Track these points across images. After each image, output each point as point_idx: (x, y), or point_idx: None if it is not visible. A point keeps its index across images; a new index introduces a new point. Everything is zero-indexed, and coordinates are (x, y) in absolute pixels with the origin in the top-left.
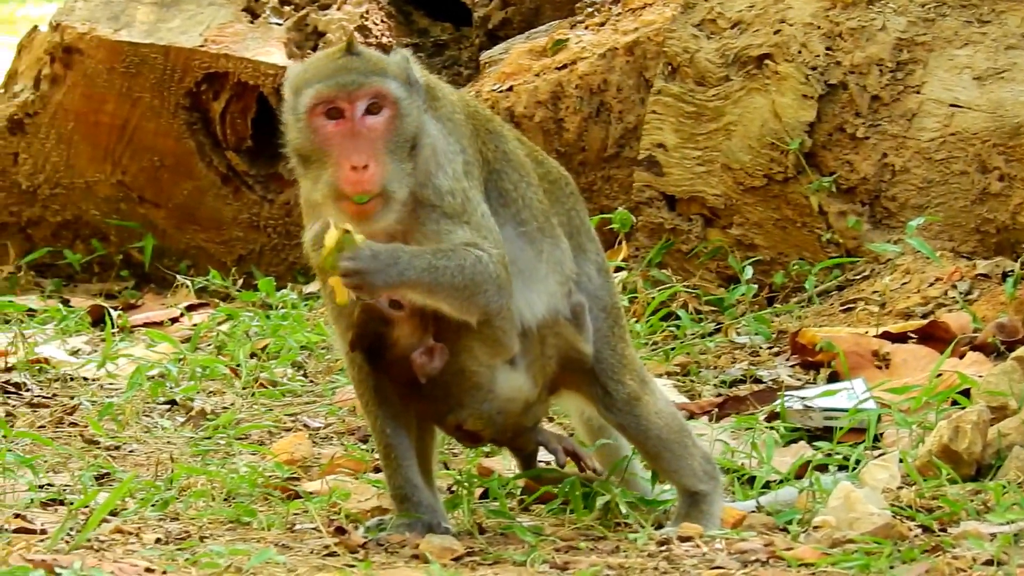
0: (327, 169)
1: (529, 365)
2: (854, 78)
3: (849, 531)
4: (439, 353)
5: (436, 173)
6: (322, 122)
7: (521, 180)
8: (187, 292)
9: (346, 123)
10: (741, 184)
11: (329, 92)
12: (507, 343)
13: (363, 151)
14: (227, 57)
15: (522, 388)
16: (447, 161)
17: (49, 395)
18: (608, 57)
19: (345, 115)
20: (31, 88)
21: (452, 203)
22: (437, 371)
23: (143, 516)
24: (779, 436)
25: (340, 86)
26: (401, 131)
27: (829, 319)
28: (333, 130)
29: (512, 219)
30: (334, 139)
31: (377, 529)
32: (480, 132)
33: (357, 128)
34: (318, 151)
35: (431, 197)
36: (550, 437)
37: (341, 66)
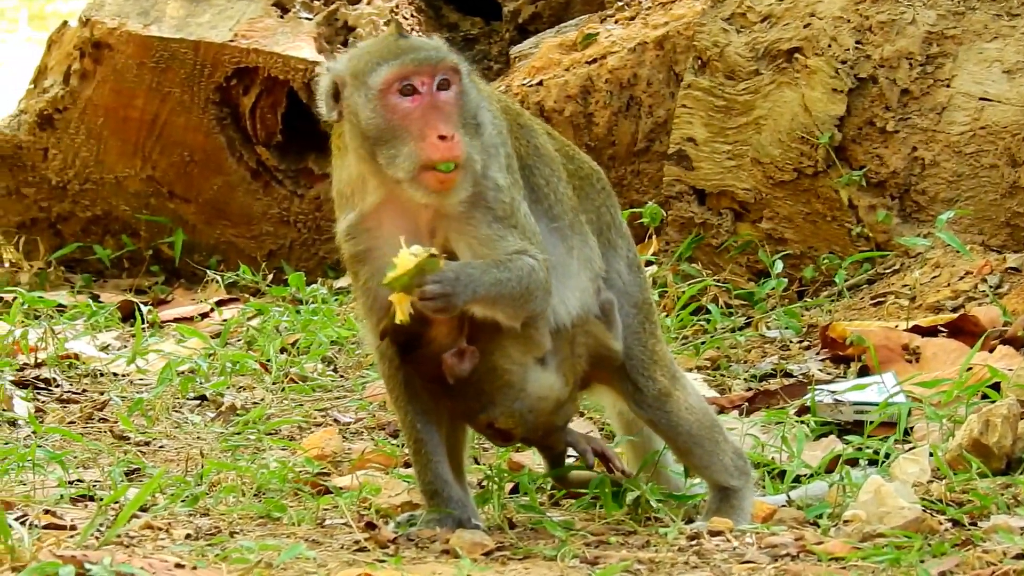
0: (406, 145)
1: (560, 364)
2: (884, 72)
3: (879, 525)
4: (470, 356)
5: (491, 164)
6: (397, 99)
7: (552, 175)
8: (217, 287)
9: (423, 97)
10: (771, 178)
11: (405, 69)
12: (540, 340)
13: (448, 121)
14: (257, 52)
15: (553, 387)
16: (500, 145)
17: (79, 391)
18: (638, 51)
19: (421, 91)
20: (61, 83)
21: (503, 205)
22: (467, 373)
23: (173, 512)
24: (809, 430)
25: (417, 62)
26: (468, 106)
27: (859, 313)
28: (410, 105)
29: (544, 215)
30: (413, 114)
31: (407, 524)
32: (513, 127)
33: (435, 101)
34: (395, 128)
35: (486, 194)
36: (579, 437)
37: (405, 46)
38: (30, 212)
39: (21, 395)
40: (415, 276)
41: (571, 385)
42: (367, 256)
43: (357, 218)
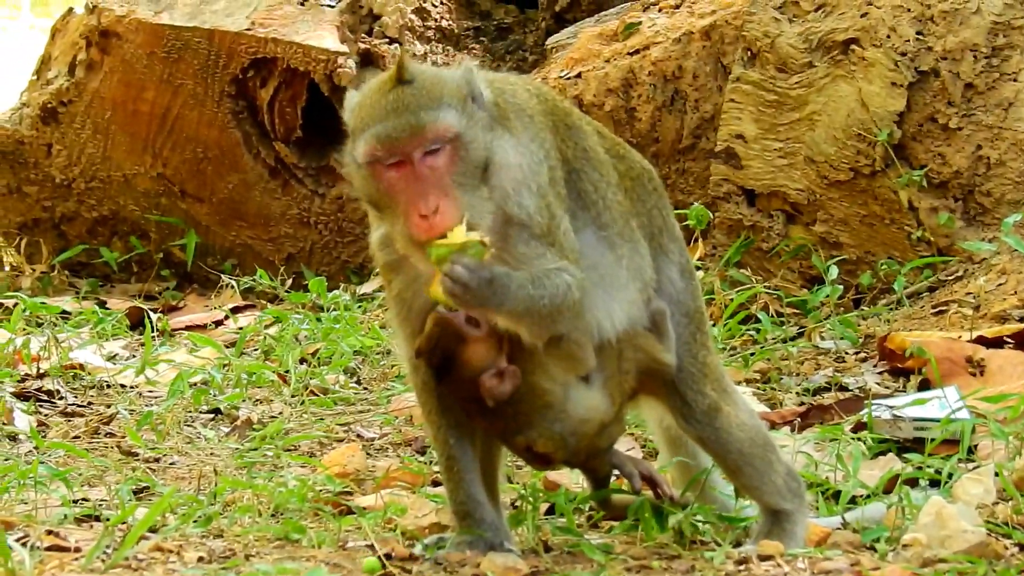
0: (397, 219)
1: (605, 382)
2: (946, 64)
3: (941, 549)
4: (510, 376)
5: (520, 190)
6: (382, 170)
7: (601, 180)
8: (232, 293)
9: (407, 168)
10: (825, 178)
11: (382, 147)
12: (583, 357)
13: (429, 194)
14: (276, 41)
15: (598, 407)
16: (531, 174)
17: (84, 403)
18: (683, 42)
19: (405, 161)
20: (66, 74)
21: (540, 222)
22: (507, 395)
23: (184, 533)
24: (866, 448)
25: (390, 138)
26: (467, 161)
27: (919, 322)
28: (395, 177)
29: (592, 222)
30: (398, 185)
31: (436, 547)
32: (559, 128)
33: (419, 171)
34: (384, 199)
35: (518, 215)
36: (625, 460)
37: (392, 106)
38: (32, 212)
39: (22, 408)
40: (455, 253)
41: (617, 405)
42: (401, 266)
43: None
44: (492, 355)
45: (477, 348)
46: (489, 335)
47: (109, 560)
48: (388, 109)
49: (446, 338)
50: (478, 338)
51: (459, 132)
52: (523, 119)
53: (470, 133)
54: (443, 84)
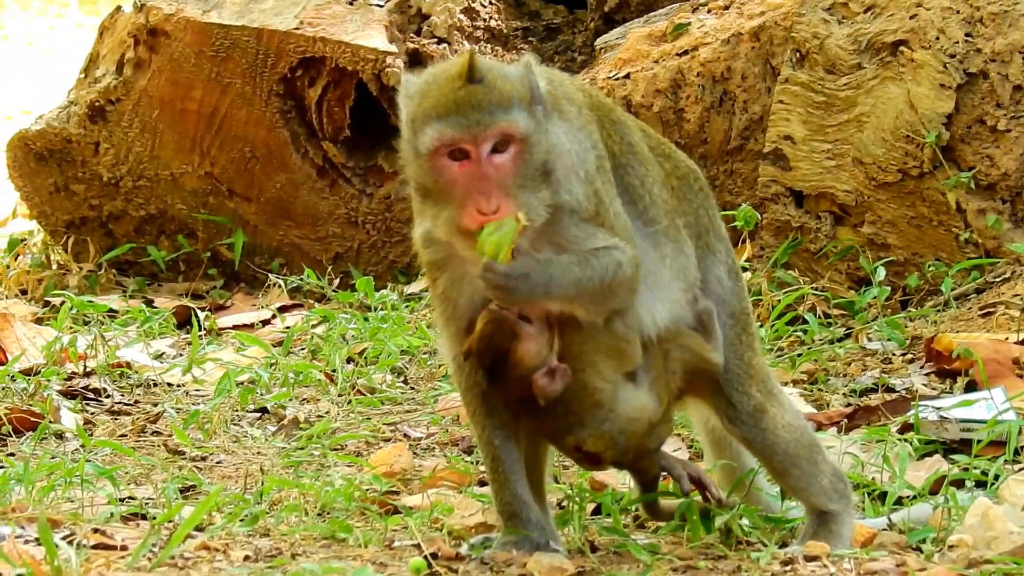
0: (450, 206)
1: (652, 382)
2: (995, 66)
3: (987, 551)
4: (561, 375)
5: (569, 176)
6: (446, 163)
7: (647, 175)
8: (279, 292)
9: (472, 164)
10: (873, 179)
11: (453, 134)
12: (631, 353)
13: (492, 193)
14: (324, 41)
15: (646, 407)
16: (579, 163)
17: (131, 402)
18: (732, 43)
19: (471, 156)
20: (113, 73)
21: (588, 208)
22: (558, 393)
23: (231, 532)
24: (912, 449)
25: (464, 128)
26: (531, 163)
27: (967, 324)
28: (458, 171)
29: (638, 217)
30: (459, 180)
31: (482, 546)
32: (604, 123)
33: (484, 169)
34: (442, 191)
35: (568, 201)
36: (674, 462)
37: (463, 100)
38: (80, 210)
39: (69, 406)
40: (498, 249)
41: (665, 405)
42: (446, 263)
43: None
44: (544, 353)
45: (529, 346)
46: (541, 332)
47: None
48: (458, 103)
49: (499, 336)
50: (530, 336)
51: (527, 135)
52: (572, 109)
53: (536, 135)
54: (511, 84)
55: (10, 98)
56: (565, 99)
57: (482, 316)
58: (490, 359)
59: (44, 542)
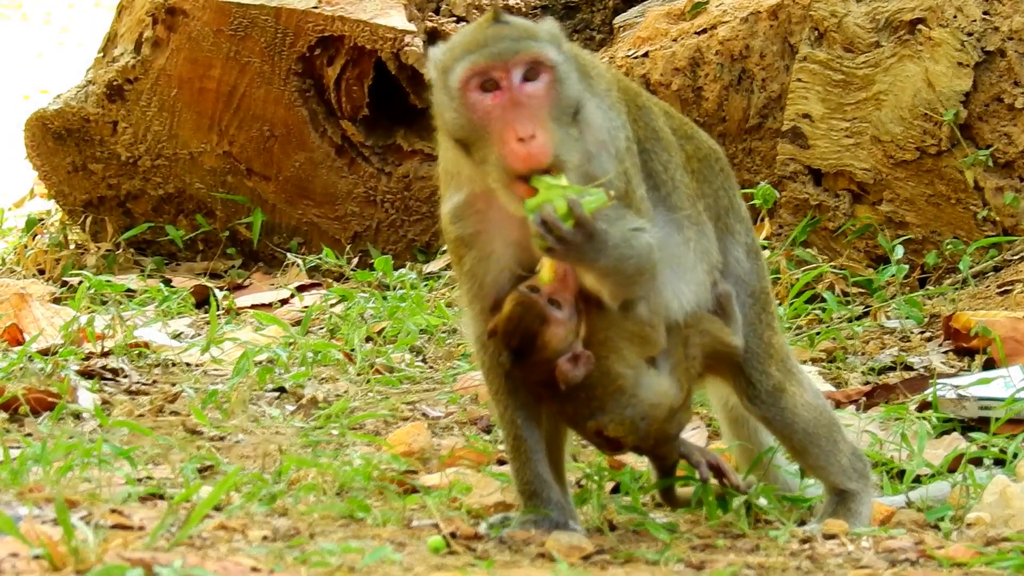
0: (491, 149)
1: (673, 368)
2: (1013, 44)
3: (1005, 529)
4: (585, 360)
5: (600, 152)
6: (478, 96)
7: (671, 160)
8: (298, 271)
9: (504, 93)
10: (892, 157)
11: (482, 62)
12: (656, 339)
13: (527, 120)
14: (343, 20)
15: (667, 392)
16: (610, 138)
17: (149, 382)
18: (751, 21)
19: (502, 85)
20: (132, 52)
21: (619, 186)
22: (580, 379)
23: (249, 512)
24: (931, 427)
25: (493, 55)
26: (563, 96)
27: (985, 302)
28: (491, 103)
29: (662, 203)
30: (494, 112)
31: (501, 525)
32: (630, 108)
33: (516, 97)
34: (478, 129)
35: (600, 175)
36: (693, 449)
37: (490, 35)
38: (98, 190)
39: (87, 386)
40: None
41: (685, 391)
42: (474, 240)
43: (465, 198)
44: (570, 339)
45: (557, 331)
46: (570, 318)
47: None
48: (485, 38)
49: (528, 319)
50: (559, 321)
51: (556, 64)
52: (603, 86)
53: (565, 69)
54: (537, 26)
55: (28, 77)
56: (597, 75)
57: (511, 297)
58: (517, 341)
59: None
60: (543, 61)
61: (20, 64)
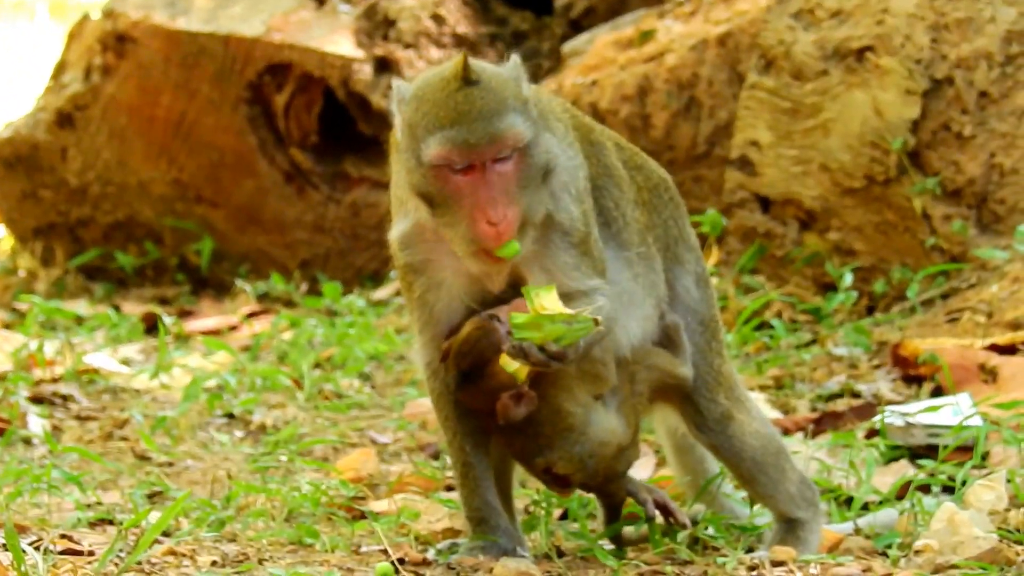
0: (459, 220)
1: (620, 405)
2: (961, 73)
3: (953, 556)
4: (527, 401)
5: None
6: (449, 174)
7: (622, 197)
8: (247, 298)
9: (476, 172)
10: (840, 185)
11: (457, 149)
12: (606, 376)
13: (499, 202)
14: (291, 47)
15: (615, 431)
16: (571, 179)
17: (98, 407)
18: (699, 49)
19: (475, 166)
20: (81, 79)
21: (580, 230)
22: (519, 418)
23: (198, 537)
24: (879, 454)
25: (465, 143)
26: (533, 166)
27: (933, 330)
28: (463, 181)
29: (612, 240)
30: (465, 189)
31: (449, 552)
32: (584, 145)
33: (489, 177)
34: (447, 200)
35: (562, 219)
36: (640, 487)
37: (463, 109)
38: (48, 216)
39: (36, 411)
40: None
41: (632, 428)
42: (424, 267)
43: (414, 225)
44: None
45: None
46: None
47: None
48: (460, 112)
49: (483, 345)
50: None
51: (529, 139)
52: (559, 126)
53: (535, 138)
54: (506, 85)
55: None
56: (552, 115)
57: (472, 320)
58: (468, 363)
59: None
60: (515, 143)
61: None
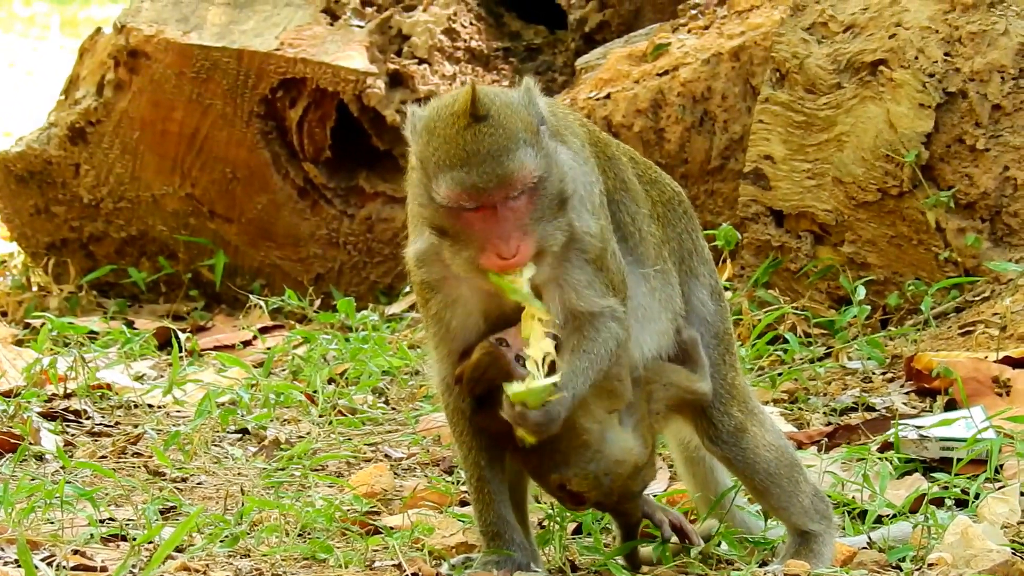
0: (468, 247)
1: (638, 424)
2: (974, 86)
3: (966, 569)
4: None
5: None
6: (461, 210)
7: (639, 211)
8: (260, 313)
9: (488, 211)
10: (853, 199)
11: (466, 193)
12: (622, 392)
13: (511, 237)
14: (305, 62)
15: (632, 449)
16: (587, 194)
17: (111, 423)
18: (712, 63)
19: (486, 204)
20: (94, 95)
21: (596, 245)
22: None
23: (211, 553)
24: (893, 467)
25: (475, 187)
26: (546, 197)
27: (946, 343)
28: (475, 218)
29: (629, 254)
30: (476, 224)
31: (463, 567)
32: (601, 159)
33: (501, 213)
34: (458, 233)
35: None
36: (655, 508)
37: (472, 148)
38: (60, 232)
39: (49, 428)
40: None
41: (649, 447)
42: (440, 285)
43: (430, 245)
44: None
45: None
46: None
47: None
48: (469, 152)
49: (493, 371)
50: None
51: (540, 175)
52: (575, 141)
53: (547, 169)
54: (516, 117)
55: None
56: (569, 131)
57: (480, 346)
58: (481, 390)
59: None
60: (526, 182)
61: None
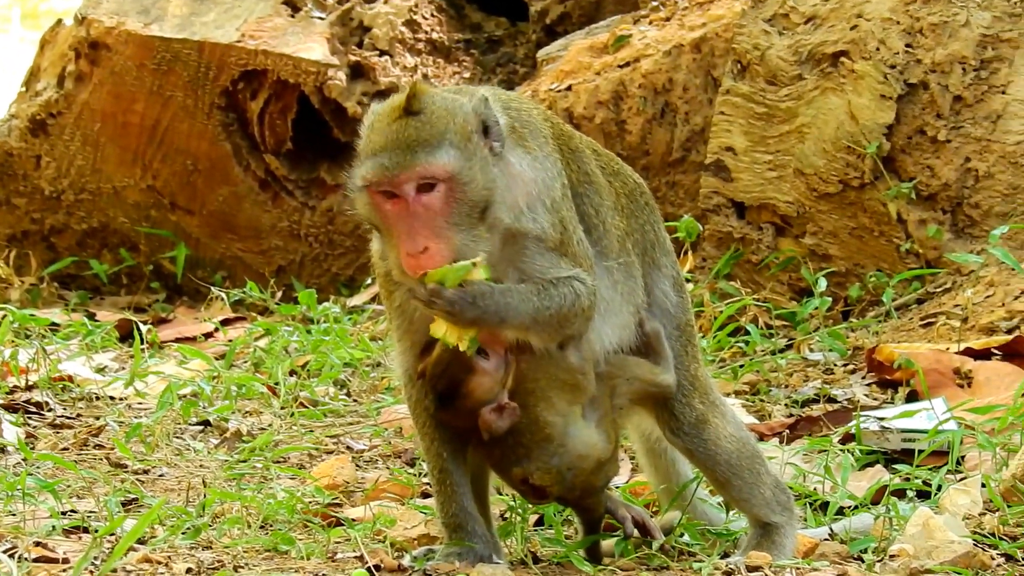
0: (393, 248)
1: (601, 419)
2: (935, 77)
3: (928, 560)
4: (509, 413)
5: (535, 205)
6: (379, 199)
7: (602, 203)
8: (222, 305)
9: (400, 203)
10: (815, 190)
11: (375, 175)
12: (585, 385)
13: (419, 234)
14: (266, 53)
15: (595, 445)
16: (545, 192)
17: (73, 415)
18: (673, 54)
19: (398, 195)
20: (55, 86)
21: (553, 236)
22: (503, 431)
23: (173, 544)
24: (854, 459)
25: (384, 169)
26: (464, 201)
27: (908, 334)
28: (390, 209)
29: (593, 246)
30: (391, 218)
31: (425, 558)
32: (564, 153)
33: (412, 208)
34: (378, 225)
35: (533, 229)
36: (618, 504)
37: (392, 138)
38: (21, 224)
39: (11, 420)
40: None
41: (612, 443)
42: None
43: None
44: (496, 390)
45: (483, 380)
46: (497, 368)
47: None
48: (388, 139)
49: (454, 366)
50: (485, 371)
51: (455, 173)
52: (538, 139)
53: (468, 173)
54: (450, 118)
55: None
56: (532, 130)
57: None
58: (443, 386)
59: None
60: (437, 175)
61: None
